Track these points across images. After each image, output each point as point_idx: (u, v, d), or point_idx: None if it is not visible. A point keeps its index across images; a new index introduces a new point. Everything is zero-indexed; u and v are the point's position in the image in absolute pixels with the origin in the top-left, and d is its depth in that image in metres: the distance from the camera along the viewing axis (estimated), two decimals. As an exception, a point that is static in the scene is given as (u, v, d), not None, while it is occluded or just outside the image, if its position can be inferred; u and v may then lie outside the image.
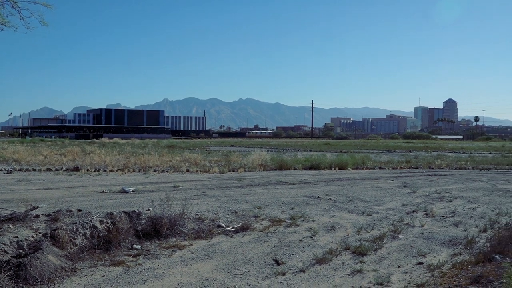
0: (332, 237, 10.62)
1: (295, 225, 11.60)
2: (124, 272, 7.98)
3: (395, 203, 15.34)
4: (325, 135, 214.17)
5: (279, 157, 33.56)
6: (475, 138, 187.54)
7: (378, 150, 58.47)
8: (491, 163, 36.25)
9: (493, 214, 13.81)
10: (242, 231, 10.88)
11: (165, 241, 9.94)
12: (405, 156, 43.12)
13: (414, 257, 9.26)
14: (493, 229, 11.60)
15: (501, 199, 16.81)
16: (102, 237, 9.43)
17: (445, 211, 14.19)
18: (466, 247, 9.97)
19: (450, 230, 11.68)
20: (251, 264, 8.54)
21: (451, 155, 48.76)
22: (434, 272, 8.18)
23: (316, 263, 8.62)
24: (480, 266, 8.13)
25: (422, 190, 18.72)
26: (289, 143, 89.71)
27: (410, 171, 29.06)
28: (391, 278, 7.85)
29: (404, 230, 11.37)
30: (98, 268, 8.14)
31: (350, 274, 8.10)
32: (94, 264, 8.33)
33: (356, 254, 9.22)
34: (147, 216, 10.65)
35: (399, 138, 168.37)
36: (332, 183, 20.58)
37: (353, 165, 30.07)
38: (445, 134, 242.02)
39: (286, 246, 9.77)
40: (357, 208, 14.28)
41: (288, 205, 14.23)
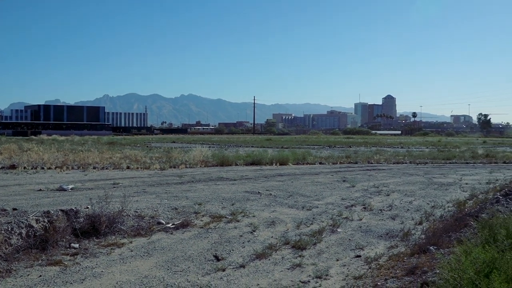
0: (272, 232, 10.69)
1: (236, 221, 11.63)
2: (61, 271, 7.80)
3: (334, 198, 15.58)
4: (267, 131, 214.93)
5: (220, 153, 33.55)
6: (413, 133, 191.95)
7: (319, 146, 59.12)
8: (428, 158, 37.24)
9: (428, 207, 14.22)
10: (182, 228, 10.82)
11: (104, 239, 9.78)
12: (345, 152, 43.75)
13: (352, 250, 9.41)
14: (428, 221, 11.95)
15: (436, 192, 17.31)
16: (39, 237, 9.19)
17: (383, 204, 14.51)
18: (403, 239, 10.20)
19: (387, 223, 11.95)
20: (191, 261, 8.49)
21: (390, 150, 49.78)
22: (372, 264, 8.33)
23: (256, 258, 8.64)
24: (415, 257, 8.31)
25: (361, 184, 19.08)
26: (231, 139, 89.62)
27: (349, 166, 29.53)
28: (329, 271, 7.95)
29: (343, 224, 11.55)
30: (34, 268, 7.93)
31: (290, 268, 8.15)
32: (30, 264, 8.11)
33: (296, 249, 9.29)
34: (85, 214, 10.44)
35: (339, 134, 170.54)
36: (273, 179, 20.71)
37: (294, 161, 30.32)
38: (384, 130, 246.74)
39: (227, 242, 9.77)
40: (297, 203, 14.43)
41: (229, 201, 14.26)
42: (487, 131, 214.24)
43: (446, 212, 13.16)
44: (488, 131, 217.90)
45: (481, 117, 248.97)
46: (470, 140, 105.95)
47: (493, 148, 58.66)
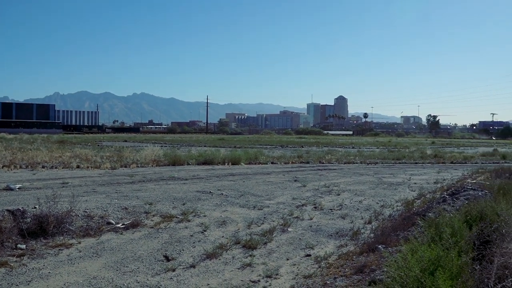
0: (223, 232, 10.69)
1: (187, 221, 11.58)
2: (7, 273, 7.63)
3: (285, 197, 15.67)
4: (220, 130, 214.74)
5: (172, 152, 33.34)
6: (364, 134, 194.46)
7: (271, 146, 59.29)
8: (378, 158, 37.79)
9: (378, 206, 14.45)
10: (132, 228, 10.73)
11: (52, 239, 9.60)
12: (297, 151, 43.96)
13: (303, 249, 9.48)
14: (377, 220, 12.14)
15: (385, 192, 17.59)
16: (-17, 237, 8.99)
17: (333, 204, 14.67)
18: (352, 238, 10.34)
19: (338, 222, 12.08)
20: (140, 261, 8.41)
21: (341, 150, 50.27)
22: (321, 263, 8.41)
23: (207, 258, 8.63)
24: (364, 256, 8.43)
25: (312, 184, 19.23)
26: (184, 138, 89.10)
27: (301, 165, 29.71)
28: (279, 271, 8.00)
29: (293, 223, 11.64)
30: (-22, 270, 7.74)
31: (240, 268, 8.17)
32: (-26, 266, 7.92)
33: (246, 248, 9.32)
34: (32, 214, 10.24)
35: (292, 134, 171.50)
36: (224, 178, 20.69)
37: (246, 160, 30.34)
38: (336, 130, 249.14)
39: (177, 242, 9.72)
40: (248, 202, 14.46)
41: (180, 201, 14.18)
42: (436, 132, 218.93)
43: (394, 211, 13.40)
44: (437, 132, 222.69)
45: (430, 118, 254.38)
46: (419, 140, 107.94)
47: (441, 148, 59.95)
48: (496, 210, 7.84)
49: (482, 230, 7.09)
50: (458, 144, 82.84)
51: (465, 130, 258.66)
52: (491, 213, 7.77)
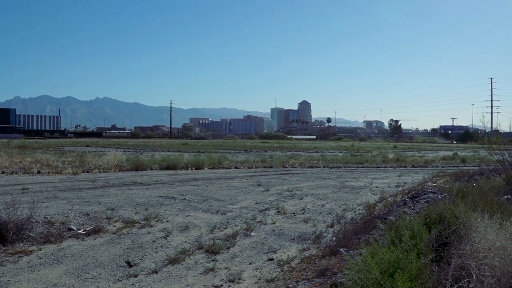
0: (186, 237, 10.66)
1: (149, 226, 11.53)
2: (-37, 281, 7.49)
3: (248, 202, 15.70)
4: (183, 135, 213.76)
5: (135, 157, 33.11)
6: (327, 138, 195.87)
7: (235, 150, 59.30)
8: (341, 162, 38.09)
9: (340, 210, 14.58)
10: (94, 234, 10.62)
11: (11, 246, 9.43)
12: (260, 156, 44.08)
13: (265, 253, 9.51)
14: (339, 224, 12.24)
15: (348, 196, 17.76)
16: None
17: (296, 208, 14.76)
18: (315, 242, 10.41)
19: (300, 226, 12.15)
20: (102, 267, 8.33)
21: (304, 154, 50.57)
22: (284, 267, 8.44)
23: (169, 264, 8.59)
24: (326, 259, 8.50)
25: (275, 188, 19.32)
26: (147, 143, 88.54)
27: (264, 170, 29.81)
28: (242, 275, 8.00)
29: (256, 228, 11.67)
30: None
31: (203, 273, 8.15)
32: None
33: (209, 253, 9.31)
34: (-9, 221, 10.06)
35: (256, 138, 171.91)
36: (187, 183, 20.63)
37: (209, 165, 30.36)
38: (300, 134, 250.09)
39: (139, 248, 9.65)
40: (211, 207, 14.45)
41: (142, 206, 14.10)
42: (398, 136, 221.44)
43: (356, 215, 13.55)
44: (398, 136, 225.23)
45: (392, 123, 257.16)
46: (381, 145, 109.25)
47: (403, 152, 60.80)
48: (455, 212, 7.98)
49: (440, 232, 7.21)
50: (419, 148, 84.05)
51: (426, 134, 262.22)
52: (449, 216, 7.90)
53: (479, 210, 7.96)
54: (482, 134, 32.60)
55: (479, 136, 29.85)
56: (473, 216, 7.48)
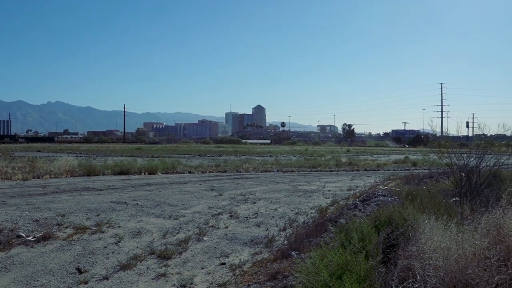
0: (138, 243, 10.58)
1: (100, 232, 11.40)
2: None
3: (201, 206, 15.68)
4: (137, 140, 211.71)
5: (88, 162, 32.64)
6: (281, 143, 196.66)
7: (189, 155, 59.07)
8: (295, 166, 38.37)
9: (292, 213, 14.69)
10: (44, 241, 10.44)
11: (-43, 255, 9.24)
12: (215, 160, 44.08)
13: (218, 258, 9.52)
14: (291, 227, 12.33)
15: (300, 199, 17.90)
16: None
17: (249, 212, 14.81)
18: (267, 245, 10.46)
19: (253, 230, 12.20)
20: (52, 274, 8.20)
21: (259, 158, 50.74)
22: (236, 271, 8.48)
23: (121, 269, 8.52)
24: (277, 263, 8.57)
25: (229, 193, 19.33)
26: (100, 148, 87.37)
27: (218, 174, 29.81)
28: (194, 280, 8.00)
29: (209, 232, 11.66)
30: None
31: (154, 278, 8.11)
32: None
33: (161, 258, 9.27)
34: None
35: (210, 143, 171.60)
36: (140, 188, 20.47)
37: (163, 170, 30.21)
38: (254, 139, 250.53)
39: (90, 254, 9.54)
40: (164, 212, 14.38)
41: (94, 212, 13.94)
42: (351, 141, 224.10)
43: (308, 218, 13.67)
44: (352, 140, 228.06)
45: (345, 127, 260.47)
46: (335, 149, 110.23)
47: (356, 156, 61.51)
48: (403, 215, 8.14)
49: (389, 235, 7.36)
50: (372, 152, 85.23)
51: (379, 138, 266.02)
52: (398, 218, 8.06)
53: (427, 212, 8.14)
54: (432, 138, 33.30)
55: (429, 140, 30.45)
56: (421, 218, 7.65)
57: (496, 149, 15.23)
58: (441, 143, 16.46)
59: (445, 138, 19.14)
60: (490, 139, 17.74)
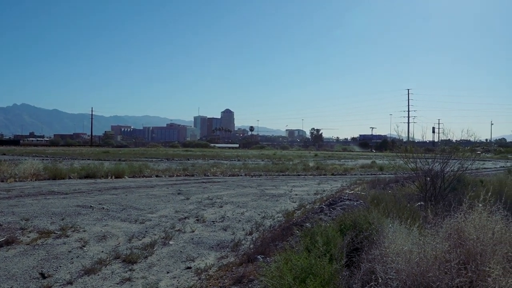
0: (103, 247, 10.49)
1: (65, 236, 11.27)
2: None
3: (168, 210, 15.62)
4: (105, 143, 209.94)
5: (54, 166, 32.20)
6: (250, 147, 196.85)
7: (157, 158, 58.78)
8: (262, 170, 38.48)
9: (259, 217, 14.72)
10: (6, 245, 10.28)
11: None
12: (182, 164, 43.94)
13: (183, 262, 9.50)
14: (258, 231, 12.35)
15: (267, 203, 17.95)
16: None
17: (216, 216, 14.80)
18: (233, 249, 10.48)
19: (219, 234, 12.20)
20: (14, 280, 8.08)
21: (227, 162, 50.72)
22: (201, 275, 8.48)
23: (85, 274, 8.44)
24: (243, 267, 8.59)
25: (196, 196, 19.30)
26: (67, 151, 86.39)
27: (186, 178, 29.71)
28: (159, 284, 7.98)
29: (175, 237, 11.63)
30: None
31: (119, 282, 8.06)
32: None
33: (126, 263, 9.21)
34: None
35: (179, 147, 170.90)
36: (106, 192, 20.30)
37: (130, 174, 30.02)
38: (223, 143, 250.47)
39: (54, 258, 9.43)
40: (130, 216, 14.28)
41: (59, 216, 13.78)
42: (319, 145, 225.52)
43: (275, 222, 13.71)
44: (320, 145, 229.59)
45: (313, 131, 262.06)
46: (303, 153, 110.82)
47: (323, 161, 61.94)
48: (368, 219, 8.24)
49: (353, 238, 7.45)
50: (339, 157, 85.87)
51: (346, 143, 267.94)
52: (363, 222, 8.16)
53: (391, 217, 8.25)
54: (399, 143, 33.76)
55: (395, 145, 30.90)
56: (385, 222, 7.75)
57: (460, 154, 15.47)
58: (407, 148, 16.68)
59: (411, 143, 19.40)
60: (455, 144, 18.05)
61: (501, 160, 68.96)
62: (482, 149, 51.60)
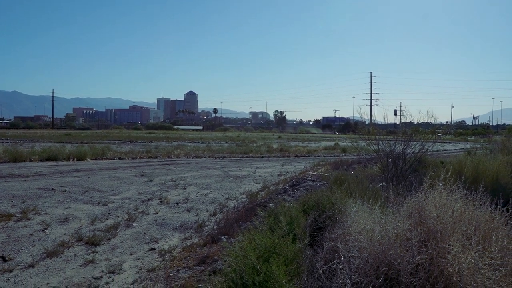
0: (65, 229, 10.40)
1: (26, 219, 11.14)
2: None
3: (131, 192, 15.55)
4: (67, 125, 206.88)
5: (14, 148, 31.67)
6: (214, 129, 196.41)
7: (120, 141, 58.23)
8: (226, 152, 38.45)
9: (223, 199, 14.77)
10: (-34, 228, 10.14)
11: None
12: (146, 146, 43.67)
13: (147, 243, 9.49)
14: (222, 212, 12.41)
15: (231, 185, 17.99)
16: None
17: (179, 198, 14.80)
18: (197, 230, 10.51)
19: (183, 215, 12.21)
20: (-26, 263, 7.98)
21: (190, 145, 50.57)
22: (165, 256, 8.49)
23: (47, 257, 8.37)
24: (207, 247, 8.64)
25: (159, 178, 19.23)
26: (27, 134, 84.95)
27: (149, 161, 29.57)
28: (123, 266, 7.96)
29: (138, 218, 11.60)
30: None
31: (82, 265, 8.01)
32: None
33: (89, 245, 9.16)
34: None
35: (142, 129, 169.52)
36: (68, 174, 20.07)
37: (92, 156, 29.74)
38: (187, 125, 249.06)
39: (15, 242, 9.31)
40: (93, 198, 14.17)
41: (19, 199, 13.60)
42: (282, 127, 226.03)
43: (239, 203, 13.78)
44: (283, 127, 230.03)
45: (277, 114, 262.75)
46: (267, 135, 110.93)
47: (287, 143, 62.13)
48: (331, 199, 8.32)
49: (316, 218, 7.51)
50: (303, 139, 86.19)
51: (309, 125, 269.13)
52: (326, 202, 8.23)
53: (354, 197, 8.34)
54: (362, 125, 34.07)
55: (358, 127, 31.16)
56: (348, 202, 7.84)
57: (421, 136, 15.68)
58: (370, 130, 16.84)
59: (373, 126, 19.58)
60: (416, 126, 18.29)
61: (461, 142, 70.13)
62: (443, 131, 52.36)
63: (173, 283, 6.89)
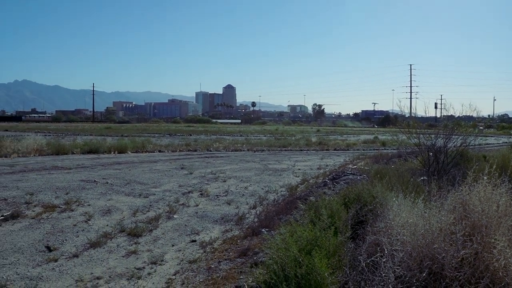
0: (108, 221, 10.55)
1: (70, 210, 11.34)
2: None
3: (172, 185, 15.66)
4: (107, 119, 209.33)
5: (56, 141, 32.24)
6: (252, 122, 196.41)
7: (159, 134, 58.73)
8: (265, 145, 38.44)
9: (262, 192, 14.77)
10: (12, 219, 10.34)
11: None
12: (185, 140, 43.94)
13: (188, 235, 9.56)
14: (262, 205, 12.41)
15: (270, 178, 17.98)
16: None
17: (219, 190, 14.85)
18: (237, 223, 10.54)
19: (223, 208, 12.25)
20: (21, 253, 8.14)
21: (229, 138, 50.72)
22: (206, 248, 8.54)
23: (90, 247, 8.51)
24: (248, 240, 8.66)
25: (199, 171, 19.33)
26: (69, 127, 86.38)
27: (188, 153, 29.75)
28: (165, 257, 8.04)
29: (179, 210, 11.69)
30: None
31: (125, 255, 8.12)
32: None
33: (132, 236, 9.27)
34: None
35: (181, 122, 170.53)
36: (110, 167, 20.33)
37: (133, 149, 30.05)
38: (225, 119, 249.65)
39: (60, 232, 9.49)
40: (134, 190, 14.32)
41: (63, 190, 13.83)
42: (321, 121, 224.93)
43: (279, 196, 13.77)
44: (322, 120, 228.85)
45: (315, 107, 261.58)
46: (305, 129, 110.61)
47: (326, 136, 61.87)
48: (372, 192, 8.26)
49: (358, 211, 7.47)
50: (341, 132, 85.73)
51: (348, 118, 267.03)
52: (367, 196, 8.18)
53: (395, 190, 8.26)
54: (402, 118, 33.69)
55: (398, 121, 30.82)
56: (389, 195, 7.77)
57: (463, 130, 15.43)
58: (410, 123, 16.64)
59: (413, 119, 19.33)
60: (458, 120, 18.00)
61: (504, 136, 68.87)
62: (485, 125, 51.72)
63: (214, 275, 6.93)
